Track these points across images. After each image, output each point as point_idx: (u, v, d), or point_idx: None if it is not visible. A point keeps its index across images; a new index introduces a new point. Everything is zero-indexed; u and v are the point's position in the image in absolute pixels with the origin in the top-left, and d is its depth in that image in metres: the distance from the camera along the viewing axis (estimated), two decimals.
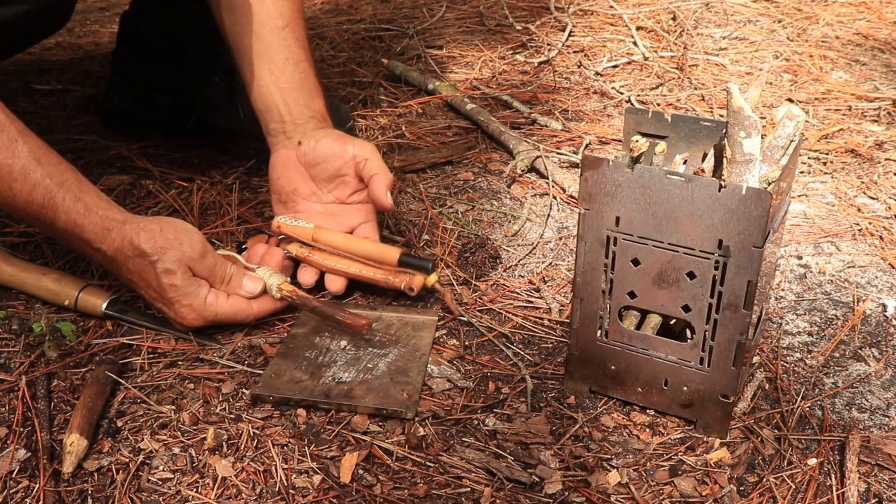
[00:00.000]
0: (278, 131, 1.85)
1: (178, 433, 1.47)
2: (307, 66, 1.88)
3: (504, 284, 1.84)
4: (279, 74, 1.85)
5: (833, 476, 1.40)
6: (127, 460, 1.42)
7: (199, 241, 1.61)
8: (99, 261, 1.63)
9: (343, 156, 1.78)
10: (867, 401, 1.55)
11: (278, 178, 1.84)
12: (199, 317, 1.62)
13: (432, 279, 1.76)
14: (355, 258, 1.77)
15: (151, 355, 1.64)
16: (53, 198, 1.53)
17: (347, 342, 1.66)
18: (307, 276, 1.79)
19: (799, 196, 2.17)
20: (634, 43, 3.06)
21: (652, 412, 1.51)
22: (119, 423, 1.48)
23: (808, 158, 2.34)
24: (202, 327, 1.65)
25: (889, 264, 1.91)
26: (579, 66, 2.90)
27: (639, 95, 2.70)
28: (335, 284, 1.78)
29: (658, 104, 2.63)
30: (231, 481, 1.38)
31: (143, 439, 1.45)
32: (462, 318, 1.74)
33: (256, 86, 1.86)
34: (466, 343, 1.68)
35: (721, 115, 2.52)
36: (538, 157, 2.26)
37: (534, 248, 1.97)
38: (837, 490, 1.37)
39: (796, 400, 1.54)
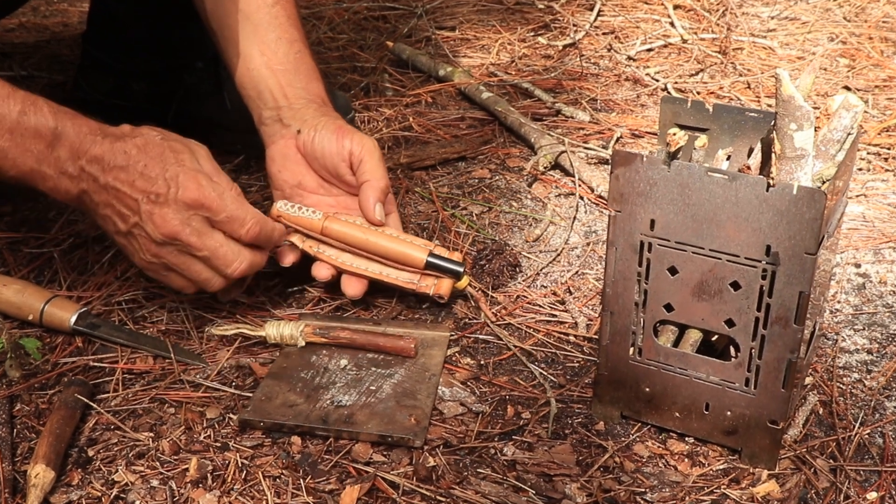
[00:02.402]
0: (273, 119, 1.85)
1: (157, 463, 1.47)
2: (302, 45, 1.88)
3: (524, 296, 1.84)
4: (271, 55, 1.85)
5: None
6: (99, 494, 1.42)
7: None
8: (86, 164, 1.57)
9: (340, 152, 1.78)
10: None
11: (279, 172, 1.84)
12: (209, 187, 1.58)
13: (464, 283, 1.76)
14: (375, 257, 1.77)
15: (127, 376, 1.64)
16: (35, 102, 1.55)
17: (348, 361, 1.66)
18: (322, 271, 1.78)
19: (857, 196, 2.17)
20: (671, 23, 3.07)
21: (691, 440, 1.51)
22: (90, 453, 1.49)
23: (868, 154, 2.34)
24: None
25: None
26: (609, 50, 2.91)
27: (676, 83, 2.70)
28: (352, 288, 1.77)
29: (698, 92, 2.64)
30: None
31: (117, 470, 1.45)
32: (494, 324, 1.74)
33: (245, 70, 1.87)
34: (482, 362, 1.68)
35: (769, 105, 2.52)
36: (563, 152, 2.26)
37: (558, 254, 1.97)
38: None
39: (854, 426, 1.54)
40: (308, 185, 1.83)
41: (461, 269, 1.75)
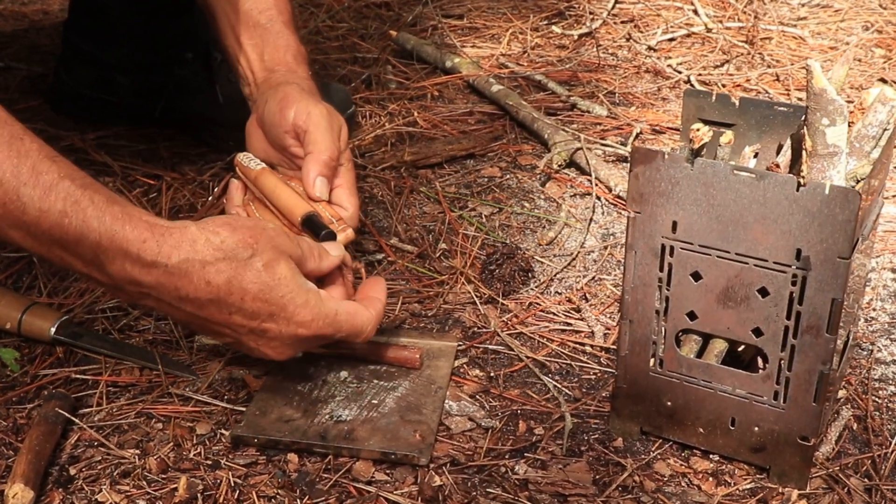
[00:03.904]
0: (248, 96, 1.86)
1: (144, 483, 1.47)
2: (275, 11, 1.86)
3: (537, 303, 1.85)
4: (241, 29, 1.84)
5: None
6: None
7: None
8: (147, 288, 1.38)
9: (282, 124, 1.71)
10: None
11: (250, 149, 1.82)
12: (320, 316, 1.47)
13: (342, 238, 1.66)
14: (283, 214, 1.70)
15: (111, 388, 1.65)
16: (79, 201, 1.32)
17: (348, 373, 1.66)
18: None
19: (893, 196, 2.17)
20: (695, 11, 3.07)
21: (716, 457, 1.51)
22: (72, 471, 1.49)
23: None
24: (327, 343, 1.58)
25: None
26: (628, 40, 2.91)
27: (700, 75, 2.70)
28: None
29: (723, 85, 2.64)
30: None
31: (100, 490, 1.46)
32: (505, 333, 1.74)
33: (225, 49, 1.86)
34: (492, 374, 1.69)
35: (799, 99, 2.52)
36: (578, 149, 2.27)
37: (573, 259, 1.97)
38: None
39: (891, 442, 1.54)
40: (271, 158, 1.79)
41: (333, 237, 1.64)
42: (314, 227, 1.62)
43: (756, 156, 1.53)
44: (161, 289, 1.37)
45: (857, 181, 1.40)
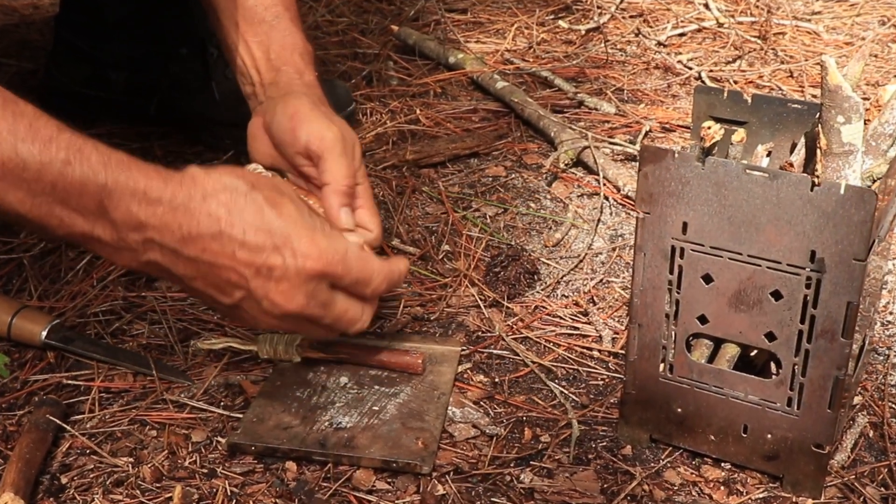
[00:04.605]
0: (250, 96, 1.85)
1: (138, 492, 1.48)
2: (281, 8, 1.86)
3: (543, 307, 1.85)
4: (246, 26, 1.84)
5: None
6: None
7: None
8: (152, 230, 1.37)
9: (294, 145, 1.70)
10: None
11: (255, 151, 1.80)
12: (329, 249, 1.45)
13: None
14: None
15: (104, 394, 1.65)
16: (82, 149, 1.33)
17: (348, 378, 1.66)
18: None
19: None
20: (706, 5, 3.07)
21: (728, 466, 1.52)
22: (63, 480, 1.49)
23: None
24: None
25: None
26: (637, 35, 2.91)
27: (711, 71, 2.70)
28: None
29: (735, 82, 2.64)
30: None
31: (93, 499, 1.46)
32: (510, 337, 1.74)
33: (227, 46, 1.85)
34: (497, 380, 1.69)
35: (814, 96, 2.52)
36: (586, 147, 2.27)
37: (580, 261, 1.97)
38: None
39: None
40: (281, 165, 1.77)
41: None
42: None
43: (769, 155, 1.53)
44: (165, 230, 1.37)
45: (874, 181, 1.40)
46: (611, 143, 2.33)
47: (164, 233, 1.37)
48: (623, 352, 1.69)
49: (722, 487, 1.48)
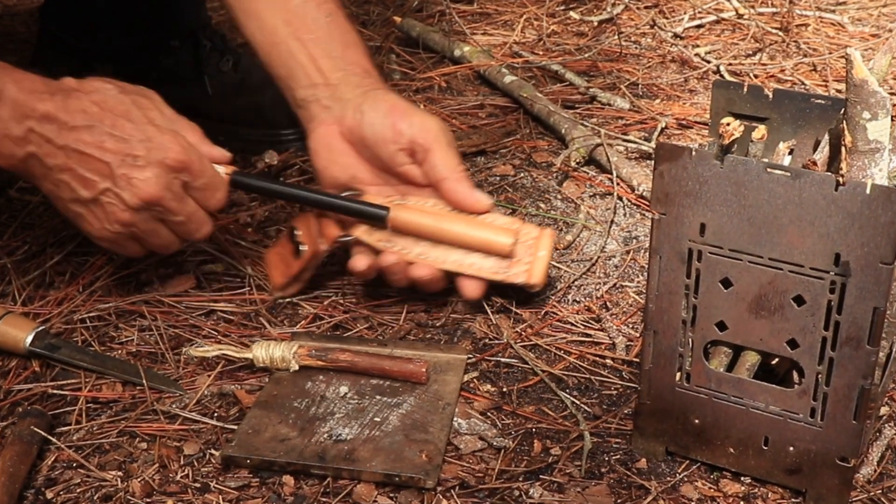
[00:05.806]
0: (309, 101, 1.83)
1: None
2: (333, 4, 1.85)
3: (554, 312, 1.85)
4: (298, 23, 1.80)
5: None
6: None
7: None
8: (33, 121, 1.63)
9: (396, 140, 1.74)
10: None
11: (326, 168, 1.82)
12: (187, 148, 1.69)
13: (545, 244, 1.79)
14: (454, 244, 1.76)
15: (91, 405, 1.65)
16: None
17: (348, 388, 1.66)
18: (360, 263, 1.77)
19: None
20: None
21: (748, 480, 1.52)
22: (49, 495, 1.50)
23: None
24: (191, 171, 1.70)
25: None
26: (652, 27, 2.91)
27: (730, 65, 2.70)
28: (470, 289, 1.80)
29: (756, 76, 2.64)
30: None
31: None
32: (519, 344, 1.74)
33: (271, 45, 1.83)
34: (504, 389, 1.69)
35: (838, 91, 2.52)
36: (598, 145, 2.27)
37: (593, 264, 1.98)
38: None
39: None
40: (363, 178, 1.80)
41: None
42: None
43: (791, 152, 1.53)
44: (45, 121, 1.62)
45: None
46: (625, 141, 2.33)
47: (45, 124, 1.61)
48: (637, 360, 1.69)
49: (742, 503, 1.48)
